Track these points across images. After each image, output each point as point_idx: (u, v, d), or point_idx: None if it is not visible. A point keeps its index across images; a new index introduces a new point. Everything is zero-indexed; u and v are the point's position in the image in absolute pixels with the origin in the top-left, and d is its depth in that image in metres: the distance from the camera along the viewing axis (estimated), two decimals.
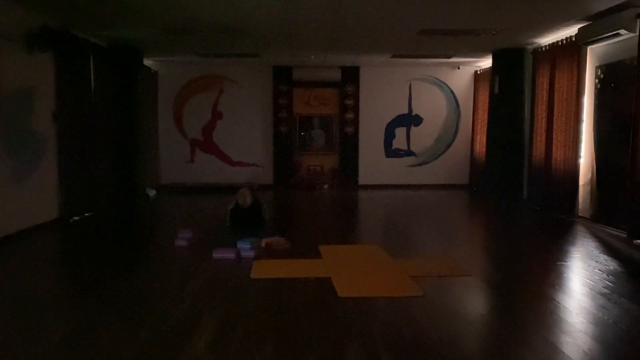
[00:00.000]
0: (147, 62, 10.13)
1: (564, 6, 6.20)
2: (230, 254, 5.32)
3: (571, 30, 7.35)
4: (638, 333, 3.51)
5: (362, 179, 11.63)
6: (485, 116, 10.38)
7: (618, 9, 6.08)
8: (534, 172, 8.67)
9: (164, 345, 3.22)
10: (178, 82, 11.32)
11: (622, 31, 6.12)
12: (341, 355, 3.11)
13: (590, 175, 7.40)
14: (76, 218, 7.46)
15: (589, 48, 7.25)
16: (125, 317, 3.69)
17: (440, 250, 6.03)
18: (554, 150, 7.93)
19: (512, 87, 9.21)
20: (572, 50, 7.41)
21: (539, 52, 8.55)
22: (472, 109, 11.41)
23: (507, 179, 9.31)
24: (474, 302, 4.18)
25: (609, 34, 6.36)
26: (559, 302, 4.00)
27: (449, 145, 11.75)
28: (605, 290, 4.26)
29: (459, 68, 11.42)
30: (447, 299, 4.16)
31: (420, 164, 11.76)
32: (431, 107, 11.62)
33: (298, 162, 11.68)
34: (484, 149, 10.40)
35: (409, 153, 11.75)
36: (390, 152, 11.74)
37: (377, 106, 11.55)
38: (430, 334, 3.42)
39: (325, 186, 11.41)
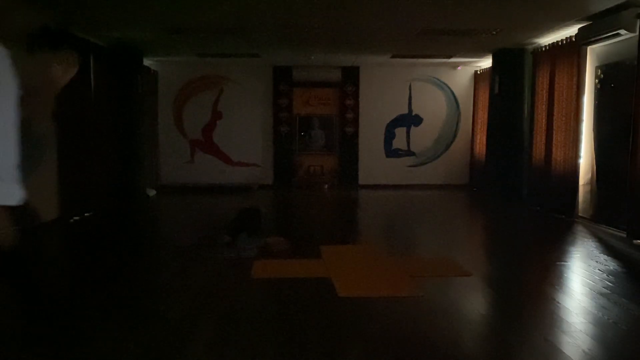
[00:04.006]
0: (147, 62, 10.12)
1: (564, 6, 6.20)
2: (230, 254, 5.33)
3: (571, 30, 7.34)
4: (638, 333, 3.51)
5: (362, 179, 11.62)
6: (485, 116, 10.38)
7: (618, 9, 6.07)
8: (534, 172, 8.67)
9: (164, 346, 3.22)
10: (178, 82, 11.32)
11: (622, 31, 6.11)
12: (341, 355, 3.11)
13: (590, 175, 7.40)
14: (76, 218, 7.46)
15: (589, 48, 7.24)
16: (125, 317, 3.69)
17: (440, 250, 6.03)
18: (554, 150, 7.92)
19: (512, 87, 9.20)
20: (572, 50, 7.40)
21: (539, 52, 8.55)
22: (472, 109, 11.40)
23: (507, 179, 9.30)
24: (474, 302, 4.18)
25: (609, 34, 6.36)
26: (559, 302, 4.00)
27: (449, 145, 11.74)
28: (605, 290, 4.26)
29: (459, 68, 11.42)
30: (447, 299, 4.16)
31: (420, 164, 11.75)
32: (431, 107, 11.61)
33: (298, 163, 11.68)
34: (484, 149, 10.40)
35: (409, 153, 11.74)
36: (390, 152, 11.74)
37: (377, 106, 11.54)
38: (430, 334, 3.42)
39: (326, 186, 11.40)
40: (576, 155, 7.45)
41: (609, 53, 6.93)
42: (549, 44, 8.19)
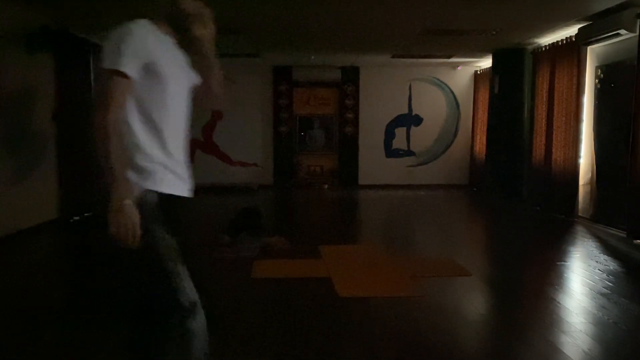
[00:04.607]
0: None
1: (564, 6, 6.20)
2: (230, 254, 5.33)
3: (571, 30, 7.34)
4: (638, 333, 3.51)
5: (362, 179, 11.62)
6: (485, 116, 10.38)
7: (618, 9, 6.08)
8: (534, 172, 8.67)
9: None
10: None
11: (622, 31, 6.12)
12: (341, 355, 3.11)
13: (590, 175, 7.40)
14: (76, 218, 7.46)
15: (589, 48, 7.24)
16: (125, 317, 3.68)
17: (440, 250, 6.03)
18: (554, 150, 7.92)
19: (512, 87, 9.20)
20: (572, 50, 7.41)
21: (539, 52, 8.55)
22: (472, 109, 11.41)
23: (507, 179, 9.30)
24: (474, 302, 4.18)
25: (609, 34, 6.36)
26: (559, 302, 4.00)
27: (449, 145, 11.74)
28: (605, 290, 4.26)
29: (459, 68, 11.42)
30: (447, 299, 4.16)
31: (420, 164, 11.75)
32: (431, 107, 11.62)
33: (298, 163, 11.68)
34: (484, 149, 10.40)
35: (409, 153, 11.75)
36: (390, 152, 11.74)
37: (377, 106, 11.54)
38: (430, 334, 3.42)
39: (326, 186, 11.40)
40: (576, 155, 7.45)
41: (609, 53, 6.93)
42: (549, 44, 8.19)
